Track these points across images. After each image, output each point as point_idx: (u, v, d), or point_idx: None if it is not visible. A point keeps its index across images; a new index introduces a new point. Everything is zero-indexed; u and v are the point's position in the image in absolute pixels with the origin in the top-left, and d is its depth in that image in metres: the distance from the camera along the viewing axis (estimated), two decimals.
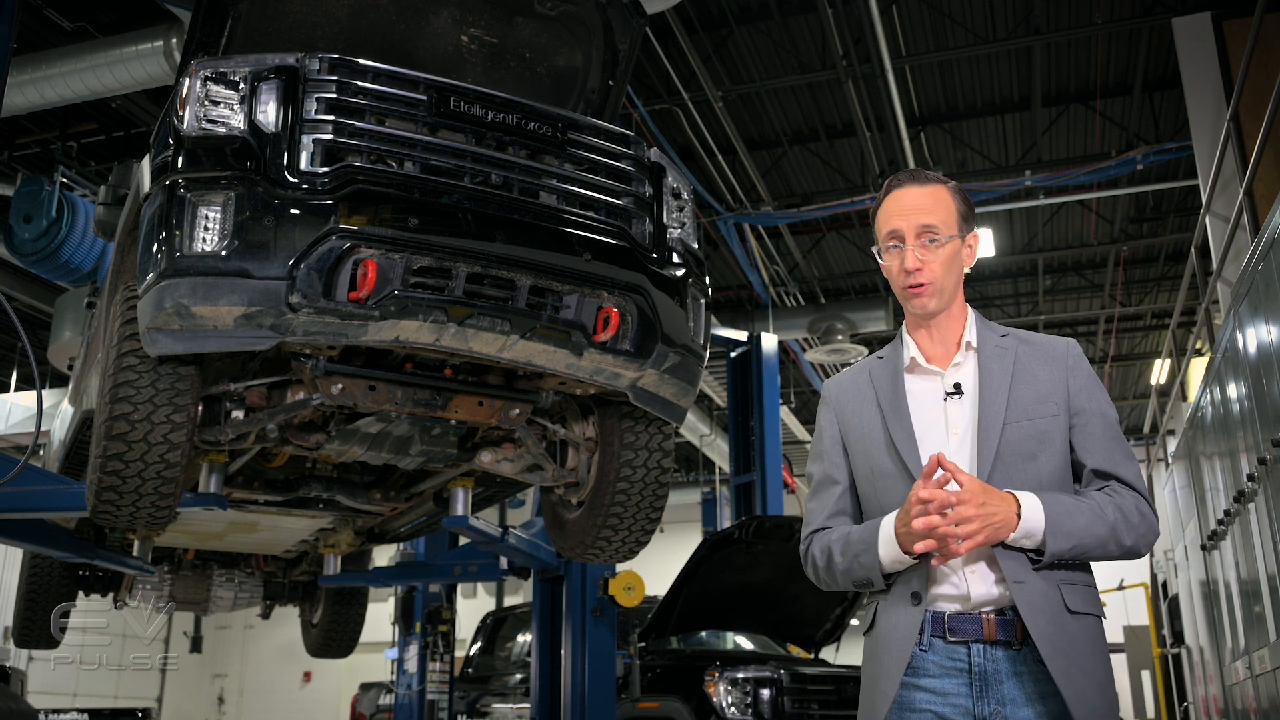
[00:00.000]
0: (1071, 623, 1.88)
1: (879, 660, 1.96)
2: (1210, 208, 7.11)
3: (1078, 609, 1.89)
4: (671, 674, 7.17)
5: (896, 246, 2.05)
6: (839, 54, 8.77)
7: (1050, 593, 1.88)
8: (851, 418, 2.12)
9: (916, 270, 2.02)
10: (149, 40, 7.20)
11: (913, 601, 1.92)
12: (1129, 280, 13.64)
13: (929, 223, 2.03)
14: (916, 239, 2.03)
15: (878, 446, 2.04)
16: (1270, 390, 4.37)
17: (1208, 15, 7.61)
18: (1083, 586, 1.94)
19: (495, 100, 3.27)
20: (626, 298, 3.29)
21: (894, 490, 1.98)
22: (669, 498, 3.89)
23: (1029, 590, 1.87)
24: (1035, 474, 1.94)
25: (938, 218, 2.04)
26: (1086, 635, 1.89)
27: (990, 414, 1.97)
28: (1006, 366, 2.01)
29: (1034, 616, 1.85)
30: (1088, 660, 1.87)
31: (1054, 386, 2.00)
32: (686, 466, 18.73)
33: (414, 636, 9.17)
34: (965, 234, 2.08)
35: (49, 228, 8.31)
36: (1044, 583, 1.88)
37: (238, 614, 11.00)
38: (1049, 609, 1.87)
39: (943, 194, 2.07)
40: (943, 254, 2.03)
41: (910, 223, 2.03)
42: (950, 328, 2.09)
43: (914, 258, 2.02)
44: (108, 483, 3.17)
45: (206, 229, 2.89)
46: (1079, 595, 1.91)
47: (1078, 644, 1.86)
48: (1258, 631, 4.99)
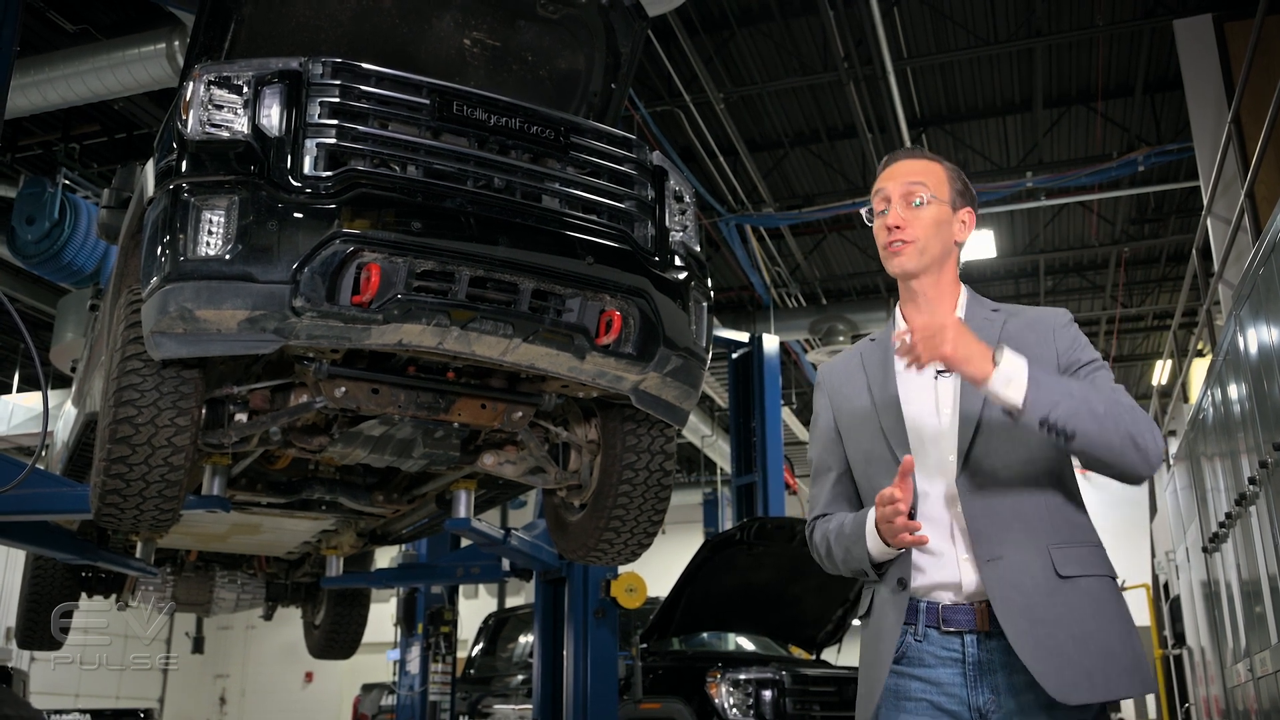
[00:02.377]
0: (1064, 589, 1.84)
1: (872, 647, 1.97)
2: (1211, 209, 7.11)
3: (1071, 573, 1.85)
4: (673, 675, 7.18)
5: (884, 212, 2.05)
6: (840, 55, 8.78)
7: (1032, 564, 1.84)
8: (844, 403, 2.12)
9: (897, 228, 2.01)
10: (152, 43, 7.21)
11: (899, 587, 1.93)
12: (1130, 281, 13.64)
13: (915, 182, 2.03)
14: (901, 198, 2.03)
15: (869, 431, 2.04)
16: (1271, 393, 4.37)
17: (1209, 17, 7.61)
18: (1080, 547, 1.89)
19: (498, 104, 3.28)
20: (629, 301, 3.29)
21: (885, 475, 1.97)
22: (670, 499, 3.90)
23: (1001, 567, 1.84)
24: (1025, 451, 1.91)
25: (924, 183, 2.03)
26: (1085, 599, 1.84)
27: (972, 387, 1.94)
28: (992, 336, 1.97)
29: (1004, 592, 1.83)
30: (1089, 624, 1.82)
31: (1042, 350, 1.96)
32: (688, 467, 18.73)
33: (416, 637, 9.18)
34: (957, 206, 2.06)
35: (51, 229, 8.33)
36: (1024, 553, 1.85)
37: (240, 615, 11.02)
38: (1029, 580, 1.83)
39: (934, 167, 2.07)
40: (926, 214, 2.02)
41: (897, 185, 2.04)
42: (941, 303, 2.06)
43: (895, 214, 2.02)
44: (112, 485, 3.18)
45: (210, 233, 2.90)
46: (1075, 558, 1.87)
47: (1074, 610, 1.82)
48: (1259, 633, 4.99)
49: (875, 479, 2.01)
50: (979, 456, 1.92)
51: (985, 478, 1.91)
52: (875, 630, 1.97)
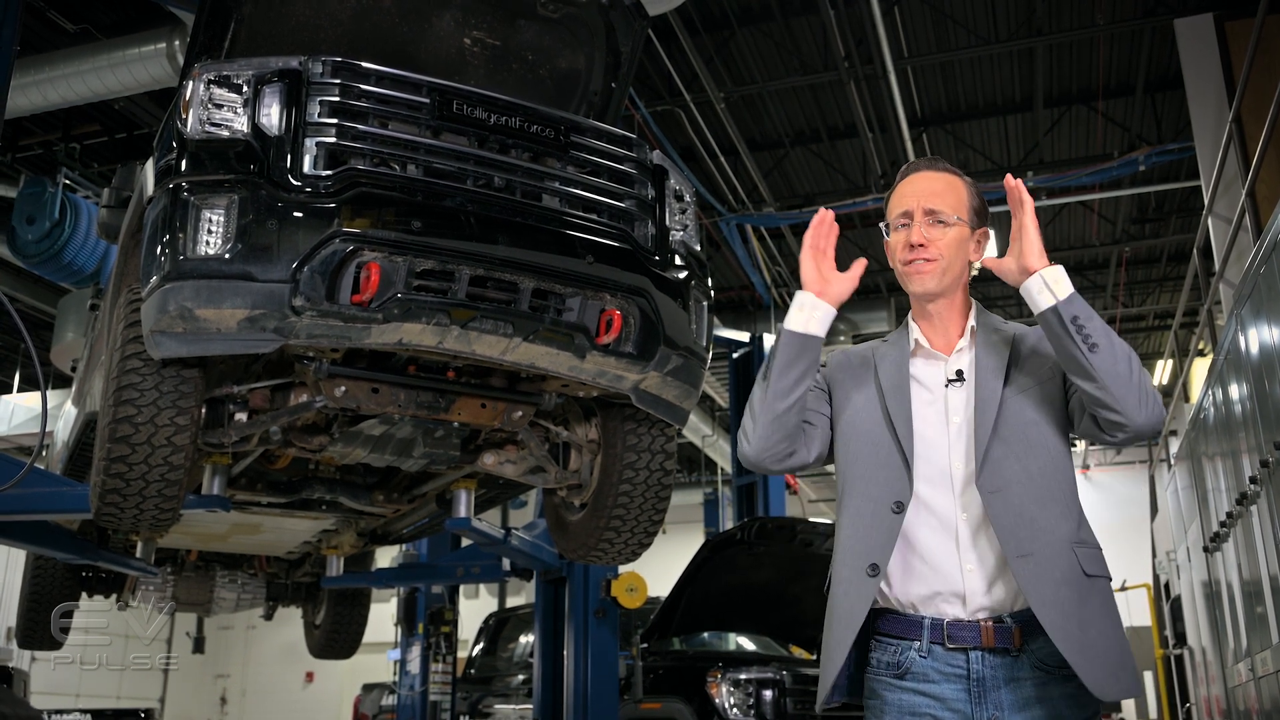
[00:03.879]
0: (1090, 587, 1.88)
1: (831, 629, 1.98)
2: (1212, 209, 7.11)
3: (1094, 572, 1.90)
4: (674, 675, 7.17)
5: (905, 225, 2.05)
6: (841, 55, 8.78)
7: (1062, 561, 1.87)
8: (849, 388, 2.11)
9: (920, 245, 2.01)
10: (152, 42, 7.22)
11: (870, 573, 1.93)
12: (1131, 281, 13.65)
13: (938, 206, 2.03)
14: (925, 215, 2.03)
15: (870, 420, 2.04)
16: (1272, 392, 4.36)
17: (1210, 16, 7.60)
18: (1093, 549, 1.93)
19: (498, 103, 3.28)
20: (629, 300, 3.29)
21: (877, 461, 1.99)
22: (671, 499, 3.89)
23: (1034, 564, 1.86)
24: (1042, 455, 1.94)
25: (948, 203, 2.04)
26: (1101, 599, 1.90)
27: (987, 393, 1.98)
28: (1003, 354, 2.02)
29: (1038, 588, 1.84)
30: (1106, 624, 1.87)
31: (1053, 372, 2.01)
32: (689, 467, 18.73)
33: (416, 637, 9.17)
34: (974, 226, 2.08)
35: (52, 229, 8.33)
36: (1054, 550, 1.87)
37: (240, 615, 11.01)
38: (1059, 575, 1.86)
39: (957, 183, 2.08)
40: (950, 234, 2.03)
41: (920, 203, 2.04)
42: (953, 319, 2.08)
43: (919, 232, 2.02)
44: (111, 485, 3.18)
45: (210, 232, 2.90)
46: (1092, 558, 1.92)
47: (1094, 609, 1.87)
48: (1260, 633, 4.99)
49: (865, 464, 2.02)
50: (997, 459, 1.93)
51: (1004, 480, 1.92)
52: (834, 610, 1.99)
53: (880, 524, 1.96)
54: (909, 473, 1.96)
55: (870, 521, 1.97)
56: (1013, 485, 1.91)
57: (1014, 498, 1.91)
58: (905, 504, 1.95)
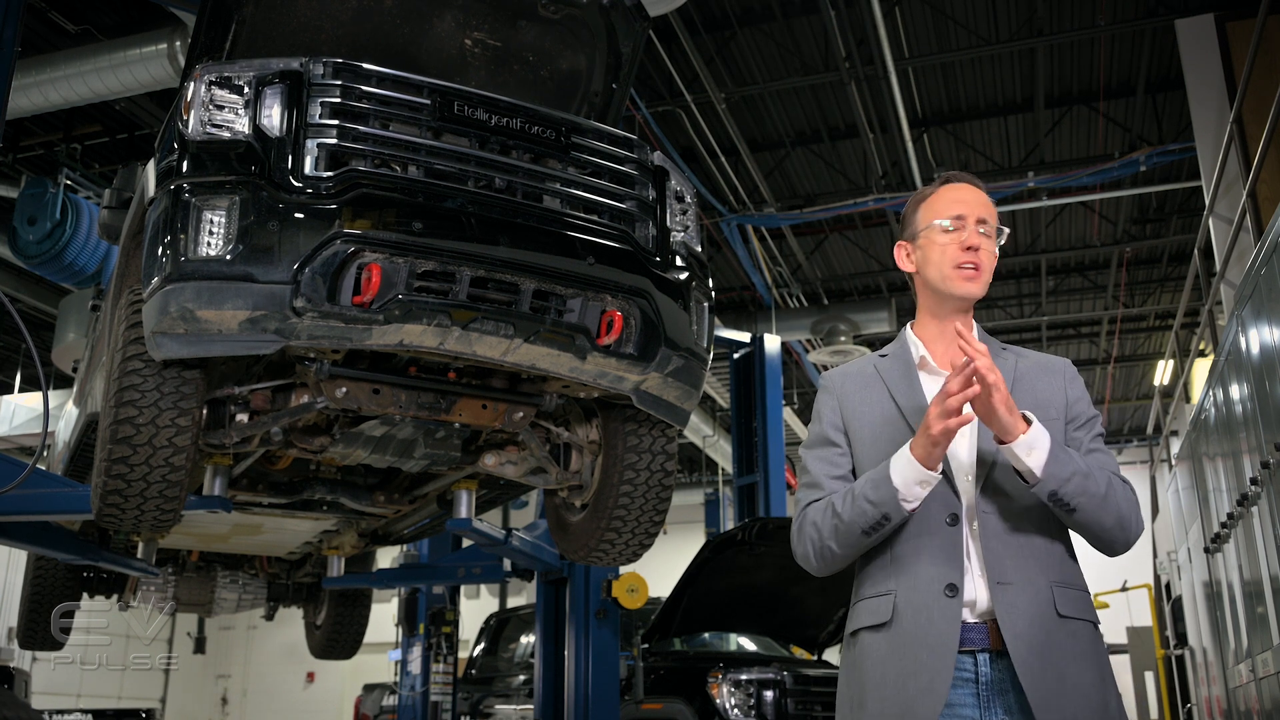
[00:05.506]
0: (1060, 628, 1.86)
1: (911, 657, 1.86)
2: (1213, 209, 7.10)
3: (1068, 614, 1.89)
4: (675, 675, 7.17)
5: (959, 228, 2.05)
6: (842, 55, 8.78)
7: (1040, 595, 1.88)
8: (859, 405, 2.09)
9: (976, 249, 2.03)
10: (153, 43, 7.23)
11: (948, 594, 1.88)
12: (1132, 281, 13.63)
13: (989, 218, 2.07)
14: (977, 224, 2.06)
15: (892, 436, 2.00)
16: (1274, 393, 4.36)
17: (1211, 17, 7.60)
18: (1075, 590, 1.93)
19: (499, 104, 3.28)
20: (630, 301, 3.29)
21: None
22: (672, 499, 3.89)
23: (1011, 592, 1.87)
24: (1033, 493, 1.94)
25: (992, 216, 2.08)
26: (1075, 641, 1.87)
27: None
28: (1007, 376, 2.02)
29: (1012, 618, 1.84)
30: (1072, 667, 1.84)
31: (1053, 395, 2.04)
32: (689, 468, 18.73)
33: (417, 638, 9.17)
34: None
35: (53, 230, 8.34)
36: (1032, 584, 1.88)
37: (241, 615, 11.03)
38: (1034, 610, 1.86)
39: (990, 200, 2.13)
40: (993, 249, 2.08)
41: (974, 211, 2.06)
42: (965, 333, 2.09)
43: (978, 236, 2.04)
44: (113, 486, 3.18)
45: (211, 233, 2.90)
46: (1071, 599, 1.91)
47: (1064, 650, 1.85)
48: (1261, 634, 4.99)
49: None
50: (996, 483, 1.94)
51: (998, 506, 1.94)
52: (918, 638, 1.87)
53: (942, 539, 1.92)
54: (951, 485, 1.95)
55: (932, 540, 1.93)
56: (1004, 513, 1.93)
57: (1004, 524, 1.92)
58: (959, 515, 1.93)
